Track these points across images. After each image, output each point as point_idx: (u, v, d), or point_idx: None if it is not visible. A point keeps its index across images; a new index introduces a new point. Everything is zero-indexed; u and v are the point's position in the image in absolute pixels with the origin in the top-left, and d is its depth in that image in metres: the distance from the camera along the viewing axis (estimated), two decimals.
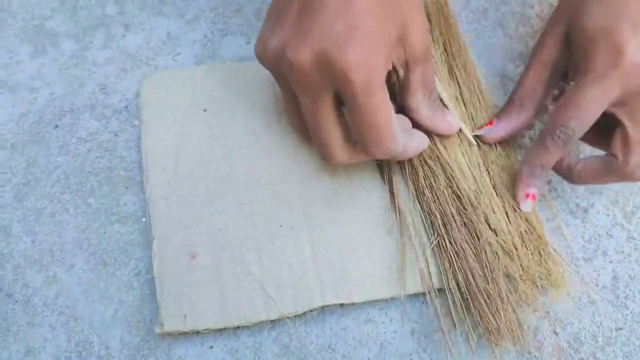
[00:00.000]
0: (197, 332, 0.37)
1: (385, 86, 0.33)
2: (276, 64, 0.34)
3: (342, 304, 0.38)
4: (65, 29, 0.47)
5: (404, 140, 0.36)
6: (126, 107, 0.44)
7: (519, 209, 0.39)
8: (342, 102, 0.33)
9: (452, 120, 0.40)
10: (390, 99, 0.34)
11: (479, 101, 0.43)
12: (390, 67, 0.35)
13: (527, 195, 0.39)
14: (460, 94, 0.43)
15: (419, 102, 0.38)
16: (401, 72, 0.37)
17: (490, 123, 0.41)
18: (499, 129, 0.41)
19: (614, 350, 0.38)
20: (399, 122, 0.37)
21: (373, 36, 0.32)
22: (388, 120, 0.34)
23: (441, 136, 0.41)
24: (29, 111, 0.44)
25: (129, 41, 0.47)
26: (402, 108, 0.39)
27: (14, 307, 0.38)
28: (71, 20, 0.48)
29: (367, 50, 0.31)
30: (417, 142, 0.39)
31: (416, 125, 0.40)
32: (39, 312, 0.38)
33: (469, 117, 0.43)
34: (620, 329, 0.39)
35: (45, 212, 0.40)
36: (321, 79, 0.32)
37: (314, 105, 0.34)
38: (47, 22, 0.48)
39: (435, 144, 0.41)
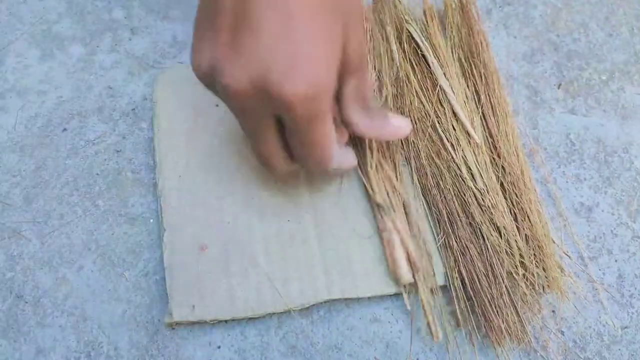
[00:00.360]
0: (205, 333, 0.38)
1: (330, 109, 0.31)
2: (211, 84, 0.31)
3: (348, 304, 0.39)
4: (72, 33, 0.48)
5: (339, 158, 0.36)
6: (133, 109, 0.45)
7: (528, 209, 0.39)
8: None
9: (398, 122, 0.38)
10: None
11: (496, 103, 0.43)
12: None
13: None
14: (476, 93, 0.43)
15: (355, 115, 0.36)
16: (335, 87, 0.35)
17: None
18: None
19: (619, 349, 0.38)
20: (338, 138, 0.36)
21: (318, 61, 0.29)
22: (328, 146, 0.33)
23: (449, 136, 0.41)
24: (37, 114, 0.44)
25: (135, 45, 0.48)
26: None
27: (24, 308, 0.38)
28: (78, 25, 0.48)
29: (312, 79, 0.28)
30: (350, 159, 0.38)
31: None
32: (49, 313, 0.38)
33: (481, 118, 0.43)
34: (626, 327, 0.39)
35: (54, 214, 0.41)
36: (261, 106, 0.30)
37: (252, 126, 0.32)
38: (54, 26, 0.48)
39: (443, 143, 0.41)
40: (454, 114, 0.42)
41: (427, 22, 0.46)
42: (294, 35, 0.28)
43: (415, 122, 0.42)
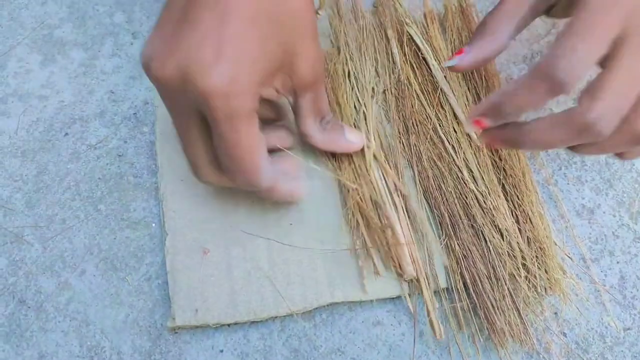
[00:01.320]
0: (208, 337, 0.38)
1: (253, 114, 0.32)
2: (146, 73, 0.32)
3: (350, 307, 0.39)
4: (74, 37, 0.48)
5: (272, 179, 0.35)
6: (135, 114, 0.45)
7: (534, 213, 0.39)
8: None
9: (353, 138, 0.40)
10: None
11: None
12: (269, 94, 0.34)
13: (476, 122, 0.33)
14: (477, 95, 0.44)
15: (310, 127, 0.38)
16: (290, 99, 0.36)
17: (460, 52, 0.37)
18: (470, 58, 0.36)
19: (622, 351, 0.38)
20: (279, 162, 0.37)
21: (243, 61, 0.30)
22: (252, 153, 0.33)
23: (450, 139, 0.41)
24: (39, 119, 0.44)
25: (137, 49, 0.48)
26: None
27: (26, 313, 0.38)
28: (80, 29, 0.48)
29: (233, 76, 0.30)
30: (289, 188, 0.37)
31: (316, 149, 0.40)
32: (52, 318, 0.38)
33: None
34: (629, 329, 0.39)
35: (56, 219, 0.41)
36: (185, 98, 0.31)
37: (180, 122, 0.33)
38: (56, 31, 0.48)
39: (445, 146, 0.41)
40: (455, 116, 0.42)
41: (427, 25, 0.47)
42: (224, 33, 0.30)
43: (417, 125, 0.42)
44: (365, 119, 0.42)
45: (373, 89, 0.44)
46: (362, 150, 0.41)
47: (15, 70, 0.46)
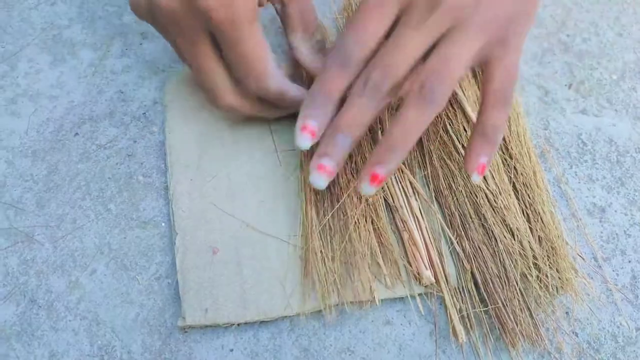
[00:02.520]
0: (218, 336, 0.38)
1: (255, 20, 0.35)
2: (149, 13, 0.35)
3: (361, 306, 0.38)
4: (83, 38, 0.48)
5: (280, 81, 0.37)
6: (144, 113, 0.45)
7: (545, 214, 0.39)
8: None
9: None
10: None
11: None
12: (264, 3, 0.37)
13: (321, 168, 0.34)
14: None
15: (298, 40, 0.40)
16: (278, 7, 0.38)
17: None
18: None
19: (634, 350, 0.38)
20: (284, 68, 0.40)
21: None
22: (259, 52, 0.35)
23: (460, 137, 0.41)
24: (49, 119, 0.45)
25: (146, 49, 0.48)
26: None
27: (37, 312, 0.39)
28: (89, 30, 0.49)
29: None
30: (299, 93, 0.39)
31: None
32: (62, 317, 0.38)
33: None
34: None
35: (67, 218, 0.41)
36: (192, 20, 0.33)
37: (193, 48, 0.36)
38: (65, 31, 0.49)
39: (455, 145, 0.41)
40: (465, 115, 0.42)
41: None
42: None
43: None
44: (380, 122, 0.42)
45: None
46: None
47: (26, 71, 0.47)
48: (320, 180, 0.34)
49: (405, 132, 0.32)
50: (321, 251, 0.38)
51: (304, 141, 0.34)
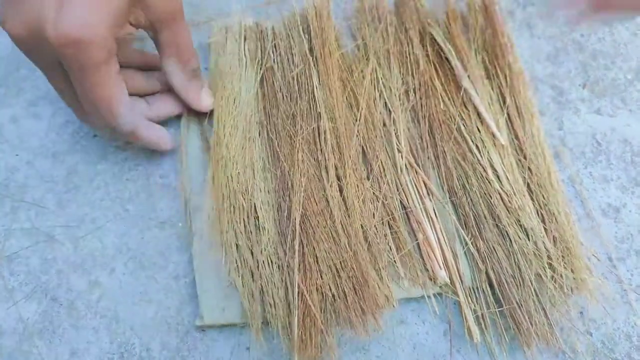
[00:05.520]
0: (235, 335, 0.38)
1: (110, 58, 0.32)
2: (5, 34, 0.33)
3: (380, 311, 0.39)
4: None
5: (132, 122, 0.37)
6: None
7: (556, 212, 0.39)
8: None
9: (205, 97, 0.41)
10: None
11: (522, 104, 0.43)
12: (127, 29, 0.34)
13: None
14: (501, 94, 0.44)
15: (172, 67, 0.39)
16: (150, 34, 0.37)
17: None
18: None
19: None
20: (142, 106, 0.40)
21: (89, 6, 0.30)
22: (109, 98, 0.34)
23: (474, 138, 0.41)
24: (68, 121, 0.45)
25: None
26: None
27: (58, 311, 0.39)
28: None
29: (81, 22, 0.30)
30: (154, 135, 0.40)
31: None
32: (83, 315, 0.39)
33: (506, 119, 0.43)
34: None
35: (87, 219, 0.42)
36: (41, 51, 0.32)
37: (47, 73, 0.35)
38: None
39: (469, 146, 0.41)
40: (479, 116, 0.42)
41: (449, 24, 0.46)
42: None
43: (440, 125, 0.42)
44: (395, 124, 0.42)
45: (400, 95, 0.44)
46: (393, 154, 0.41)
47: None
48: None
49: None
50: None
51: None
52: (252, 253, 0.38)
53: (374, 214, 0.39)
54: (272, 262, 0.38)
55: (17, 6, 0.31)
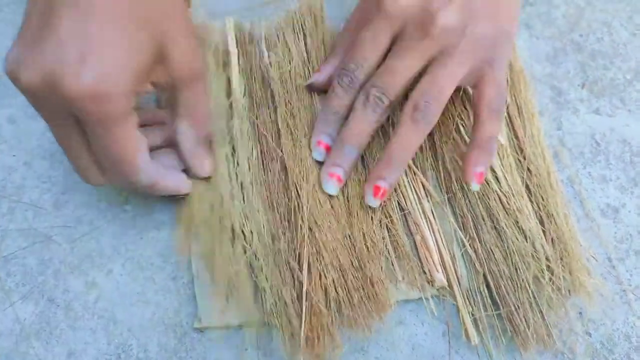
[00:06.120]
0: (233, 336, 0.38)
1: (130, 113, 0.31)
2: (13, 82, 0.30)
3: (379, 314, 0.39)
4: None
5: (153, 175, 0.35)
6: None
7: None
8: None
9: (207, 167, 0.40)
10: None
11: (522, 104, 0.43)
12: (146, 89, 0.33)
13: (332, 175, 0.38)
14: None
15: (184, 129, 0.37)
16: (167, 93, 0.36)
17: (319, 71, 0.42)
18: (324, 74, 0.42)
19: None
20: (160, 156, 0.38)
21: (112, 59, 0.29)
22: (130, 154, 0.33)
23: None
24: None
25: None
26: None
27: (55, 312, 0.39)
28: None
29: (102, 76, 0.29)
30: (173, 182, 0.38)
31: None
32: (80, 316, 0.39)
33: (506, 119, 0.43)
34: None
35: (84, 219, 0.42)
36: (56, 104, 0.30)
37: (56, 129, 0.33)
38: None
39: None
40: None
41: None
42: (87, 33, 0.28)
43: (439, 125, 0.42)
44: (392, 125, 0.42)
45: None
46: None
47: None
48: (331, 186, 0.39)
49: (401, 148, 0.37)
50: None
51: (319, 155, 0.40)
52: (255, 254, 0.38)
53: (372, 217, 0.39)
54: (275, 262, 0.38)
55: (35, 55, 0.29)
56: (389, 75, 0.37)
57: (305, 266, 0.37)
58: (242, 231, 0.39)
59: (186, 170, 0.40)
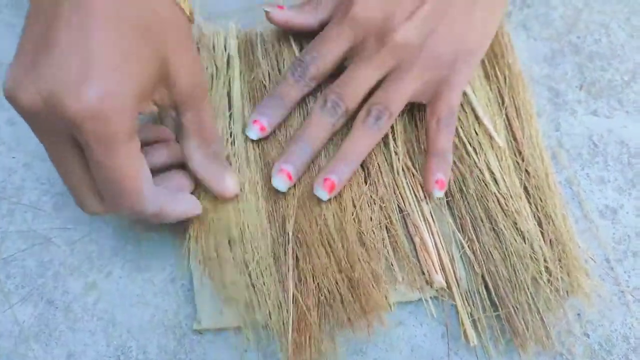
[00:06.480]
0: (232, 337, 0.38)
1: (133, 135, 0.30)
2: (12, 104, 0.29)
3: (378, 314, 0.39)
4: None
5: (158, 201, 0.33)
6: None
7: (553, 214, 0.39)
8: None
9: (229, 182, 0.38)
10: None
11: (520, 105, 0.43)
12: (149, 107, 0.32)
13: (282, 171, 0.38)
14: (500, 96, 0.44)
15: (192, 150, 0.36)
16: (172, 114, 0.35)
17: (281, 7, 0.43)
18: (283, 15, 0.43)
19: None
20: (163, 180, 0.36)
21: (115, 76, 0.28)
22: (133, 178, 0.30)
23: (471, 140, 0.41)
24: None
25: None
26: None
27: (55, 313, 0.39)
28: None
29: (104, 95, 0.27)
30: (182, 207, 0.36)
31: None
32: (79, 318, 0.39)
33: (504, 120, 0.43)
34: None
35: (84, 221, 0.42)
36: (54, 125, 0.28)
37: (53, 152, 0.31)
38: None
39: (466, 148, 0.41)
40: (476, 117, 0.42)
41: None
42: (88, 48, 0.27)
43: None
44: (392, 127, 0.42)
45: None
46: (390, 156, 0.41)
47: None
48: (281, 182, 0.39)
49: (353, 149, 0.39)
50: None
51: (254, 133, 0.40)
52: (244, 260, 0.38)
53: (371, 217, 0.39)
54: (266, 267, 0.38)
55: (32, 76, 0.28)
56: (347, 84, 0.39)
57: (291, 269, 0.37)
58: (241, 233, 0.39)
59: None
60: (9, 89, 0.29)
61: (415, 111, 0.43)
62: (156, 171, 0.36)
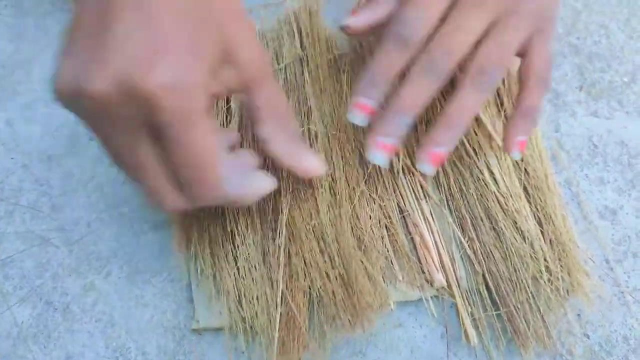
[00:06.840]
0: (231, 338, 0.38)
1: (210, 112, 0.29)
2: (75, 100, 0.27)
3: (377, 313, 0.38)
4: None
5: (236, 185, 0.32)
6: None
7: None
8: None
9: (314, 161, 0.36)
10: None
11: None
12: (220, 90, 0.31)
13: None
14: (498, 95, 0.44)
15: (269, 134, 0.34)
16: (244, 98, 0.33)
17: (354, 13, 0.38)
18: (363, 19, 0.37)
19: None
20: (234, 161, 0.34)
21: (185, 53, 0.27)
22: (210, 161, 0.29)
23: (470, 140, 0.41)
24: (64, 124, 0.45)
25: None
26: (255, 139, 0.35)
27: (53, 315, 0.39)
28: None
29: (179, 70, 0.27)
30: (256, 186, 0.34)
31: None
32: (78, 319, 0.39)
33: (503, 121, 0.43)
34: None
35: (82, 222, 0.42)
36: (130, 110, 0.27)
37: (129, 143, 0.29)
38: None
39: (466, 148, 0.41)
40: (476, 117, 0.42)
41: None
42: (155, 25, 0.27)
43: None
44: None
45: None
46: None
47: (41, 76, 0.47)
48: (381, 157, 0.35)
49: (461, 112, 0.34)
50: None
51: (357, 118, 0.36)
52: (234, 257, 0.38)
53: (370, 216, 0.39)
54: (254, 265, 0.38)
55: (101, 63, 0.26)
56: (455, 35, 0.33)
57: (281, 268, 0.37)
58: (236, 230, 0.39)
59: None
60: (69, 85, 0.27)
61: None
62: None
